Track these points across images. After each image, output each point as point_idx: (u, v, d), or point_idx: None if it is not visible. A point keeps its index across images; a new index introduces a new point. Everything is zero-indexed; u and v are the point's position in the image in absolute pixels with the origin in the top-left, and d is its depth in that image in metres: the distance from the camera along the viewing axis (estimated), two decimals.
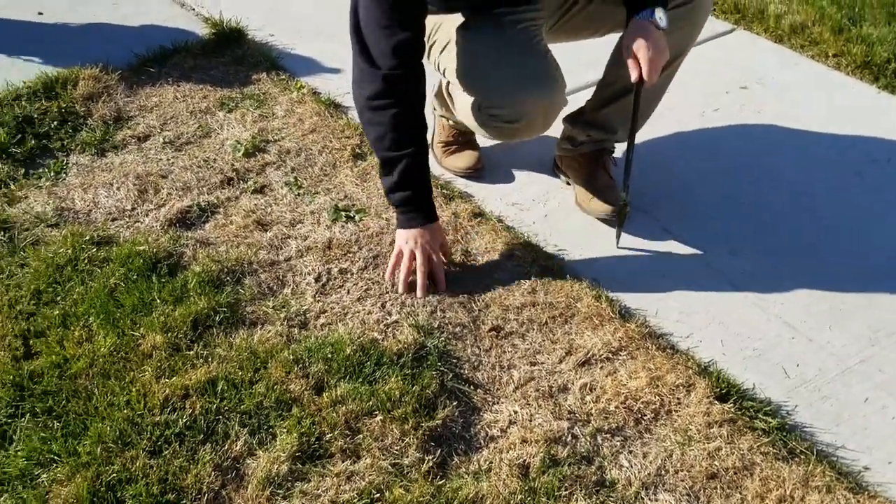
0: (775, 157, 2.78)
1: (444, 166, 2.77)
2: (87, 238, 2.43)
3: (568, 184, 2.68)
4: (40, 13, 3.60)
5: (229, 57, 3.31)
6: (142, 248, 2.39)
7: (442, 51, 2.35)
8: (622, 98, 2.41)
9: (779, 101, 3.01)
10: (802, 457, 1.89)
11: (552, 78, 2.23)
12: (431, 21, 2.37)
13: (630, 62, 2.16)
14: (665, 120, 2.83)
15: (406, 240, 2.31)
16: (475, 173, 2.74)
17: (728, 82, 3.11)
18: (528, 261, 2.40)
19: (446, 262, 2.38)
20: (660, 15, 2.15)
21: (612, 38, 2.40)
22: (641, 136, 2.60)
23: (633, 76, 2.17)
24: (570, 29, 2.45)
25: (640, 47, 2.14)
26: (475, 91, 2.30)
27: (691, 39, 2.38)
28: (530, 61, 2.24)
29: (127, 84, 3.11)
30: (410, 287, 2.31)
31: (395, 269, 2.32)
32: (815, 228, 2.52)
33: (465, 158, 2.75)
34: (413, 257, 2.29)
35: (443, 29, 2.35)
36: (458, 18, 2.33)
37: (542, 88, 2.21)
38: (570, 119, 2.59)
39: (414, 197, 2.28)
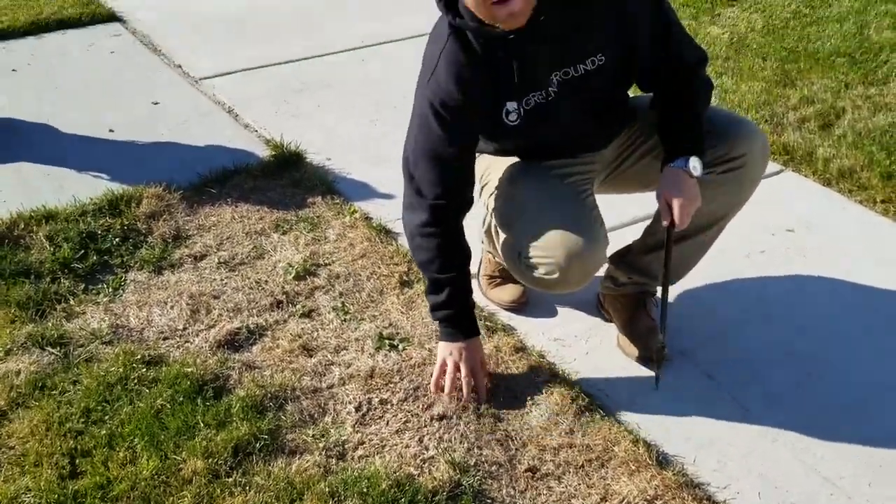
0: (820, 304, 2.78)
1: (488, 297, 2.82)
2: (139, 357, 2.50)
3: (611, 321, 2.71)
4: (111, 130, 3.77)
5: (287, 179, 3.42)
6: (190, 369, 2.45)
7: (491, 194, 2.43)
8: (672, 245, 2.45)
9: (825, 246, 3.03)
10: None
11: (593, 236, 2.28)
12: (485, 162, 2.46)
13: (662, 208, 2.23)
14: (710, 260, 2.84)
15: (450, 351, 2.42)
16: (519, 307, 2.78)
17: (775, 224, 3.14)
18: (567, 399, 2.41)
19: (488, 375, 2.47)
20: (694, 164, 2.21)
21: None
22: (686, 277, 2.62)
23: (665, 221, 2.24)
24: (621, 182, 2.52)
25: (671, 194, 2.21)
26: (516, 240, 2.36)
27: (737, 203, 2.42)
28: (572, 218, 2.30)
29: (188, 203, 3.24)
30: (448, 393, 2.42)
31: (439, 378, 2.42)
32: (859, 380, 2.50)
33: (510, 292, 2.79)
34: (457, 368, 2.40)
35: (494, 172, 2.44)
36: (509, 162, 2.43)
37: (580, 246, 2.25)
38: (613, 259, 2.63)
39: (457, 314, 2.41)
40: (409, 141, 2.33)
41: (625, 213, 3.06)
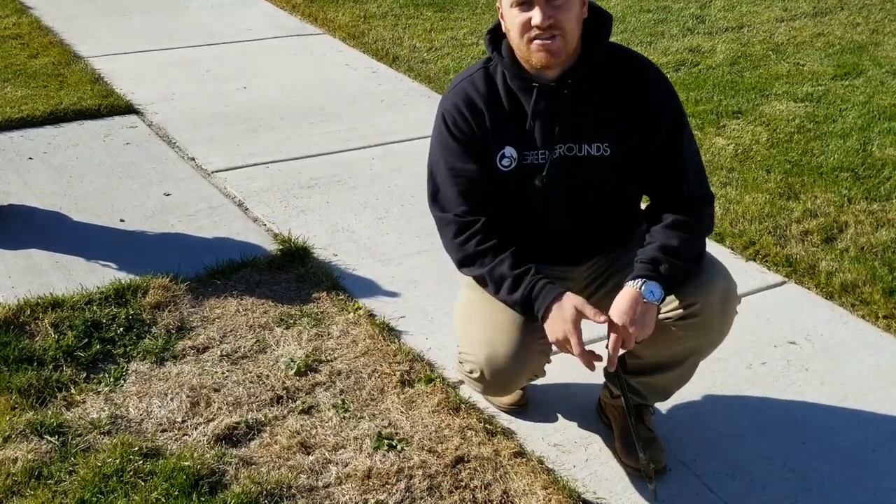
0: (821, 418, 2.77)
1: (489, 400, 2.81)
2: (136, 449, 2.49)
3: (611, 428, 2.70)
4: (122, 220, 3.82)
5: (293, 274, 3.45)
6: (186, 463, 2.44)
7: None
8: (649, 374, 2.48)
9: (826, 360, 3.03)
10: None
11: (517, 348, 2.32)
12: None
13: (609, 326, 2.22)
14: (712, 370, 2.87)
15: (552, 331, 2.25)
16: (518, 409, 2.77)
17: (777, 336, 3.14)
18: None
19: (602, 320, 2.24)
20: (651, 289, 2.20)
21: None
22: (687, 386, 2.62)
23: (610, 343, 2.22)
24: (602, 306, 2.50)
25: (617, 315, 2.21)
26: (458, 334, 2.49)
27: (706, 346, 2.42)
28: (510, 324, 2.33)
29: (194, 295, 3.26)
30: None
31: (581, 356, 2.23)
32: (859, 497, 2.48)
33: (509, 395, 2.78)
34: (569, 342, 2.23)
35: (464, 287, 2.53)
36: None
37: (502, 353, 2.33)
38: (607, 372, 2.63)
39: (532, 281, 2.26)
40: (431, 155, 2.42)
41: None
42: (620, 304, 2.21)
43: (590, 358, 2.22)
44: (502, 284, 2.29)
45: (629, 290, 2.22)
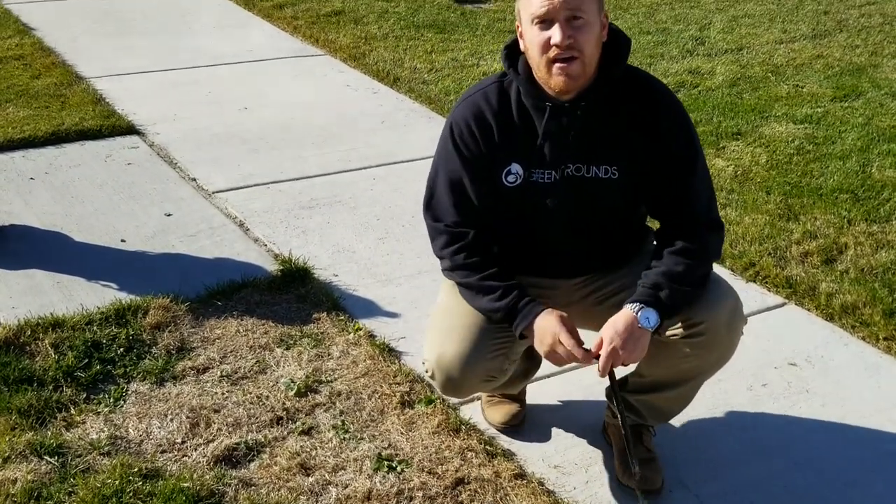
0: (822, 441, 2.77)
1: (485, 418, 2.81)
2: (136, 470, 2.49)
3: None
4: (123, 240, 3.83)
5: (294, 294, 3.45)
6: (186, 484, 2.44)
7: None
8: (651, 393, 2.48)
9: (826, 382, 3.03)
10: None
11: (466, 350, 2.36)
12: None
13: (596, 343, 2.23)
14: (712, 391, 2.86)
15: (544, 341, 2.27)
16: (512, 429, 2.77)
17: (777, 357, 3.14)
18: None
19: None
20: (647, 315, 2.21)
21: None
22: (688, 407, 2.61)
23: (602, 357, 2.22)
24: (579, 316, 2.45)
25: (607, 335, 2.21)
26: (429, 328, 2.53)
27: (712, 365, 2.42)
28: (462, 328, 2.38)
29: (194, 315, 3.26)
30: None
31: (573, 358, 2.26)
32: None
33: (502, 412, 2.78)
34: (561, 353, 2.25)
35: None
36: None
37: (451, 355, 2.37)
38: (608, 392, 2.63)
39: (519, 295, 2.31)
40: (434, 161, 2.44)
41: None
42: (616, 325, 2.22)
43: (586, 354, 2.23)
44: (487, 294, 2.34)
45: (626, 312, 2.23)
